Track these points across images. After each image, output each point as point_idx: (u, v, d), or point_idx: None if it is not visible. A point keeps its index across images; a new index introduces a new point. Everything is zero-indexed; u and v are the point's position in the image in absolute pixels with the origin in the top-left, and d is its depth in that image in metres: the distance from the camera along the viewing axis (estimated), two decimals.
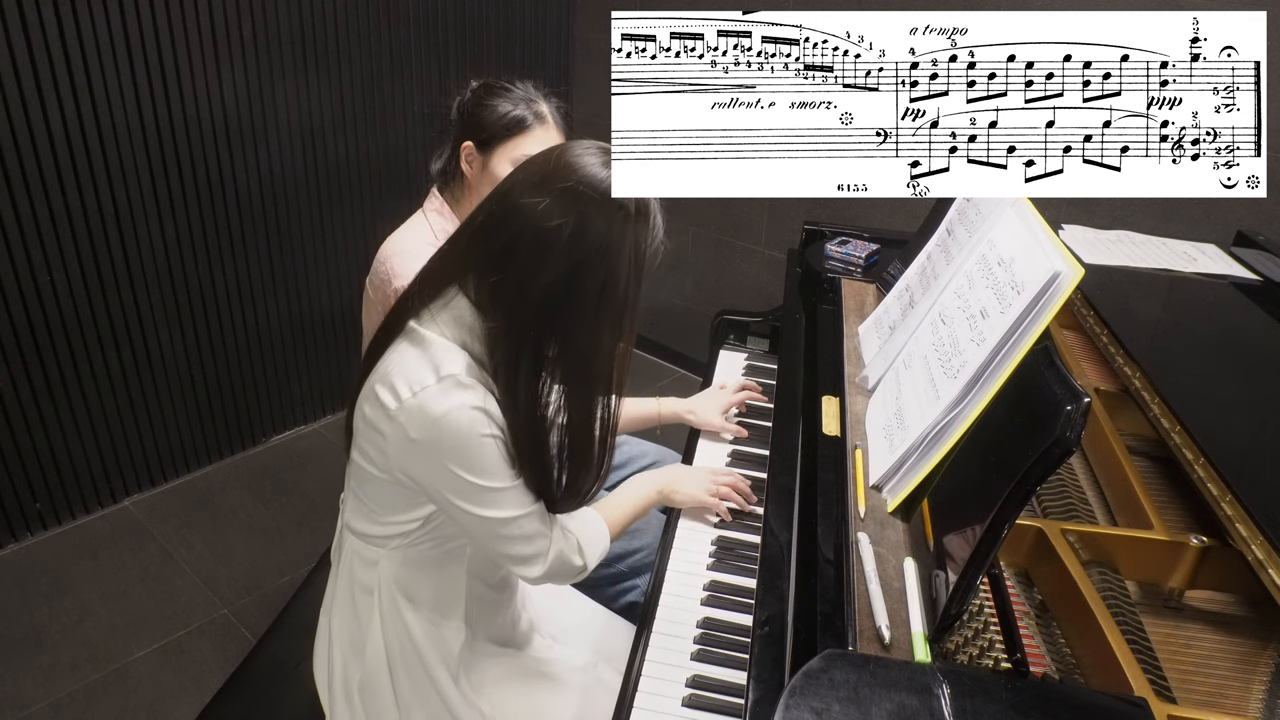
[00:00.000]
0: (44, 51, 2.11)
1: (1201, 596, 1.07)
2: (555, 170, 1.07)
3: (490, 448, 1.08)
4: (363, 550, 1.21)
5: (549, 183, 1.06)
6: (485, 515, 1.10)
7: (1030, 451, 0.82)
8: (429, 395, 1.05)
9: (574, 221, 1.03)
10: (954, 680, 0.81)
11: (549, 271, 1.05)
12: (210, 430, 2.78)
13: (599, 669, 1.33)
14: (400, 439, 1.08)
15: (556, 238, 1.03)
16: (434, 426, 1.05)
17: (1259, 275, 1.55)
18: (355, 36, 2.71)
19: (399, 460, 1.09)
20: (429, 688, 1.20)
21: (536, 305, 1.06)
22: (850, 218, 2.69)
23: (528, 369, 1.08)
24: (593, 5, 3.29)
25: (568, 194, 1.04)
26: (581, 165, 1.07)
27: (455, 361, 1.07)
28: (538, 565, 1.17)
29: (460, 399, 1.05)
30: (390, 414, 1.07)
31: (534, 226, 1.05)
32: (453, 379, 1.05)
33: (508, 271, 1.06)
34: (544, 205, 1.04)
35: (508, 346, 1.07)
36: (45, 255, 2.25)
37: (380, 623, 1.20)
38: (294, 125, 2.66)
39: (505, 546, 1.14)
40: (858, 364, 1.45)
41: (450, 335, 1.09)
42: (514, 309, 1.07)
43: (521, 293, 1.06)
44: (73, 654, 2.12)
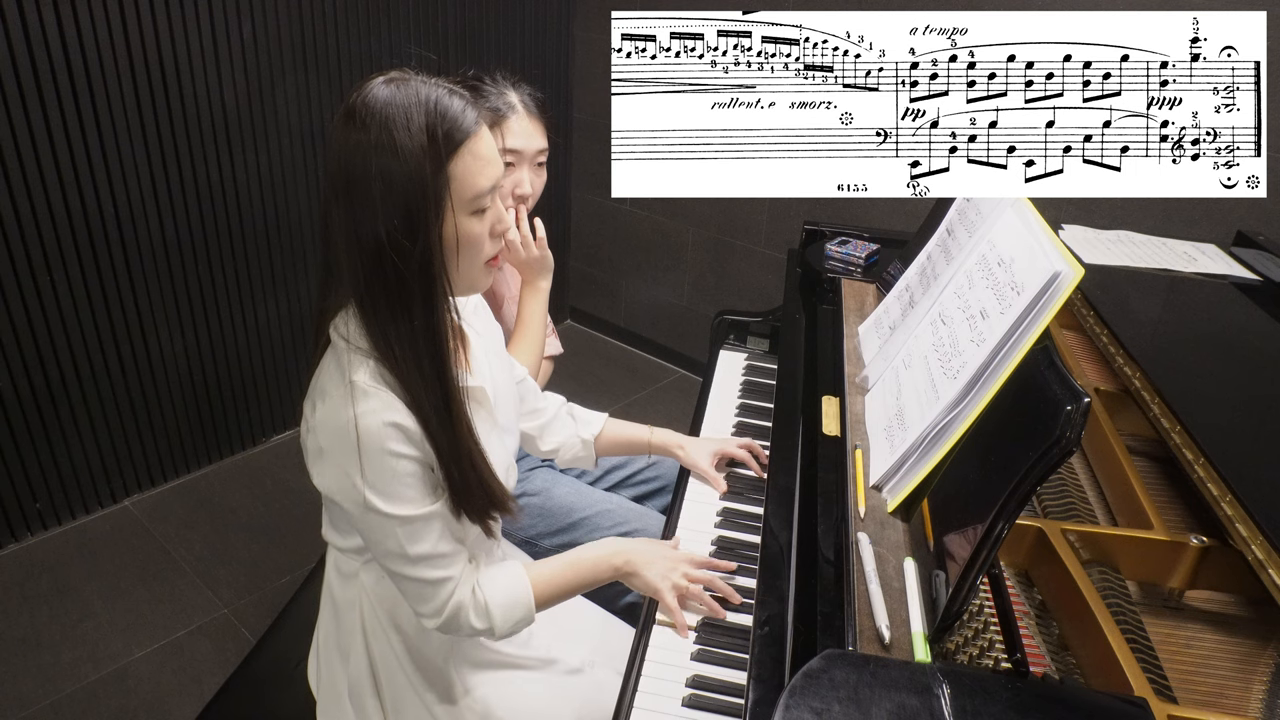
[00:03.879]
0: (44, 51, 2.11)
1: (1201, 596, 1.07)
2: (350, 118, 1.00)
3: (399, 469, 1.02)
4: (341, 563, 1.20)
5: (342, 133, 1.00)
6: (384, 541, 1.05)
7: (1030, 451, 0.82)
8: (334, 403, 1.02)
9: (359, 164, 0.97)
10: (954, 680, 0.81)
11: (364, 226, 0.98)
12: (210, 430, 2.78)
13: (599, 669, 1.33)
14: (315, 450, 1.06)
15: (348, 191, 0.99)
16: (340, 435, 1.01)
17: (1259, 275, 1.55)
18: (355, 36, 2.71)
19: (317, 473, 1.07)
20: (414, 700, 1.20)
21: (370, 268, 0.99)
22: (850, 218, 2.69)
23: (404, 347, 1.02)
24: (593, 5, 3.29)
25: (351, 128, 0.98)
26: (366, 98, 0.99)
27: (361, 368, 1.03)
28: (430, 616, 1.10)
29: (365, 406, 1.00)
30: (310, 425, 1.06)
31: (333, 187, 0.99)
32: (356, 385, 1.01)
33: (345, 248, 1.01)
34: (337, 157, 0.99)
35: (381, 339, 1.02)
36: (45, 255, 2.25)
37: (364, 636, 1.19)
38: (294, 125, 2.66)
39: (402, 584, 1.10)
40: (858, 364, 1.45)
41: (357, 342, 1.04)
42: (361, 280, 1.01)
43: (364, 264, 1.00)
44: (73, 654, 2.12)
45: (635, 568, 1.21)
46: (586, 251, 3.71)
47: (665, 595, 1.18)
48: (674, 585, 1.19)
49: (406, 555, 1.06)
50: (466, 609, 1.11)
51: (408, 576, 1.08)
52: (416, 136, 0.97)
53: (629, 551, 1.23)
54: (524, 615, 1.16)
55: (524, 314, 1.66)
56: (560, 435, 1.47)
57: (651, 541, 1.27)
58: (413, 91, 1.00)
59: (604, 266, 3.67)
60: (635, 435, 1.52)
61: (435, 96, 1.00)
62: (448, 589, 1.09)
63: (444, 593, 1.09)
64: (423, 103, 0.99)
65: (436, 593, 1.09)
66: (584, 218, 3.66)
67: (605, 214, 3.56)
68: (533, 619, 1.17)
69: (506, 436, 1.24)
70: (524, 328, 1.65)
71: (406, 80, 1.02)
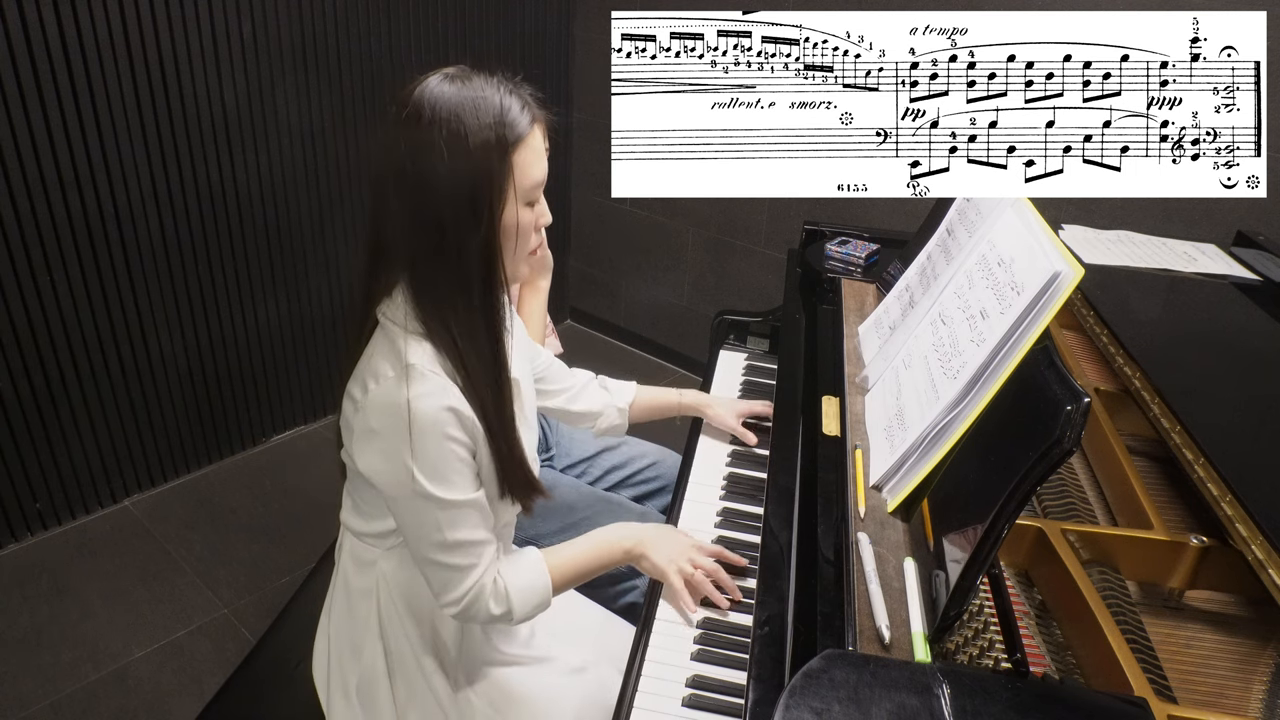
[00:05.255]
0: (44, 51, 2.11)
1: (1201, 596, 1.07)
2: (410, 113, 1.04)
3: (451, 453, 1.05)
4: (359, 551, 1.20)
5: (401, 128, 1.04)
6: (424, 526, 1.07)
7: (1030, 452, 0.82)
8: (389, 385, 1.04)
9: (424, 156, 1.02)
10: (954, 680, 0.81)
11: (426, 212, 1.03)
12: (210, 430, 2.78)
13: (599, 669, 1.33)
14: (363, 430, 1.07)
15: (413, 179, 1.02)
16: (393, 414, 1.03)
17: (1259, 275, 1.55)
18: (355, 36, 2.71)
19: (362, 453, 1.08)
20: (426, 691, 1.20)
21: (431, 254, 1.04)
22: (850, 218, 2.69)
23: (464, 329, 1.06)
24: (593, 5, 3.29)
25: (409, 125, 1.02)
26: (430, 94, 1.04)
27: (417, 351, 1.05)
28: (453, 604, 1.12)
29: (422, 388, 1.03)
30: (359, 406, 1.07)
31: (392, 178, 1.04)
32: (414, 368, 1.04)
33: (403, 241, 1.05)
34: (396, 150, 1.03)
35: (437, 321, 1.06)
36: (45, 255, 2.25)
37: (379, 626, 1.20)
38: (294, 125, 2.66)
39: (430, 570, 1.11)
40: (858, 364, 1.45)
41: (411, 326, 1.07)
42: (422, 274, 1.06)
43: (419, 254, 1.05)
44: (73, 654, 2.12)
45: (645, 550, 1.24)
46: (586, 251, 3.71)
47: (671, 577, 1.21)
48: (680, 570, 1.21)
49: (444, 541, 1.08)
50: (486, 595, 1.13)
51: (439, 562, 1.10)
52: (485, 130, 1.02)
53: (640, 534, 1.26)
54: (541, 600, 1.18)
55: (523, 312, 1.66)
56: (596, 403, 1.53)
57: (662, 526, 1.30)
58: (477, 88, 1.05)
59: (604, 266, 3.67)
60: (666, 400, 1.61)
61: (499, 93, 1.06)
62: (474, 576, 1.12)
63: (470, 580, 1.11)
64: (488, 98, 1.04)
65: (463, 580, 1.11)
66: (584, 218, 3.65)
67: (605, 214, 3.56)
68: (549, 603, 1.20)
69: (530, 432, 1.27)
70: (523, 326, 1.65)
71: (469, 77, 1.07)
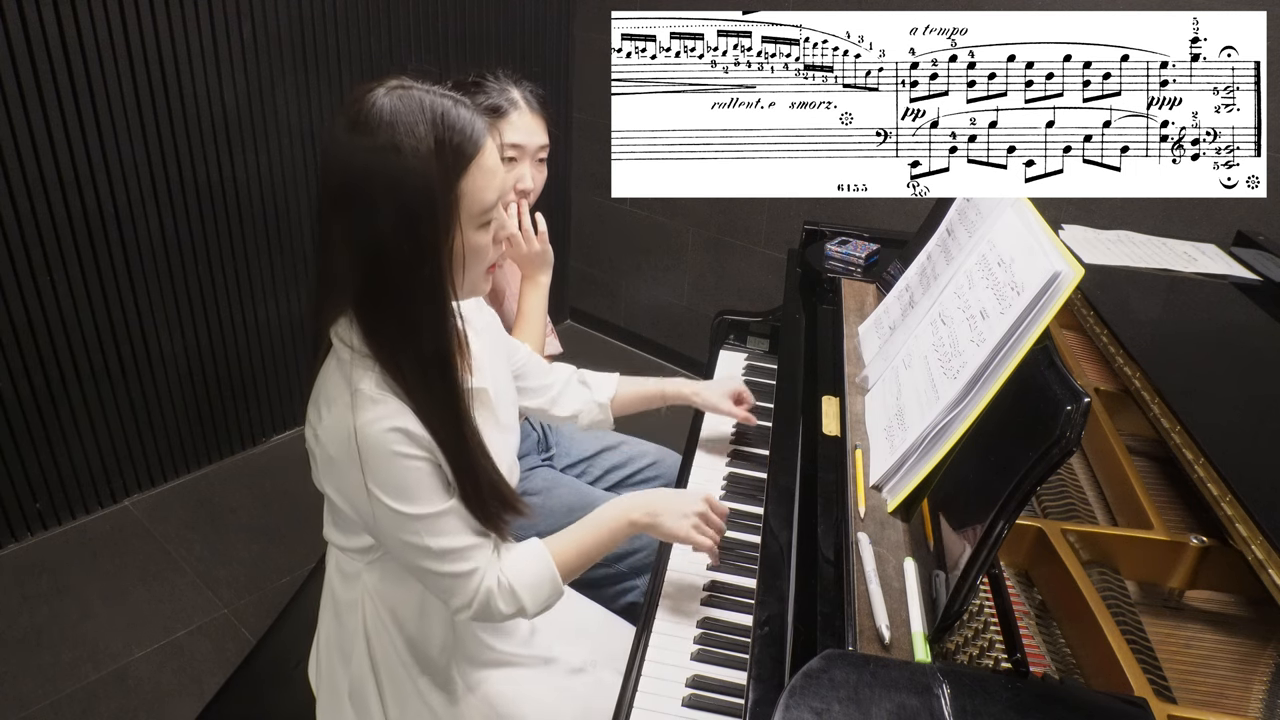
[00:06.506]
0: (44, 51, 2.11)
1: (1201, 596, 1.07)
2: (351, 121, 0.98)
3: (410, 469, 1.03)
4: (343, 564, 1.20)
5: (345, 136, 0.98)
6: (407, 541, 1.05)
7: (1030, 452, 0.82)
8: (340, 411, 1.02)
9: (361, 165, 0.95)
10: (954, 680, 0.81)
11: (366, 248, 0.97)
12: (210, 430, 2.78)
13: (599, 669, 1.33)
14: (324, 458, 1.06)
15: (353, 192, 0.97)
16: (347, 444, 1.01)
17: (1259, 275, 1.55)
18: (355, 36, 2.71)
19: (327, 480, 1.08)
20: (416, 700, 1.20)
21: (374, 285, 0.99)
22: (850, 218, 2.69)
23: (411, 364, 1.02)
24: (593, 5, 3.29)
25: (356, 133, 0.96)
26: (368, 113, 0.96)
27: (364, 375, 1.02)
28: (463, 609, 1.10)
29: (370, 415, 1.00)
30: (316, 433, 1.06)
31: (334, 190, 0.98)
32: (360, 393, 1.01)
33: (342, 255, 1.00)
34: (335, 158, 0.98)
35: (380, 345, 1.02)
36: (45, 255, 2.25)
37: (365, 636, 1.19)
38: (294, 125, 2.66)
39: (430, 580, 1.10)
40: (858, 364, 1.45)
41: (361, 349, 1.04)
42: (367, 314, 1.01)
43: (363, 269, 0.99)
44: (73, 654, 2.12)
45: (657, 520, 1.20)
46: (586, 251, 3.71)
47: (694, 537, 1.19)
48: (695, 524, 1.19)
49: (431, 551, 1.06)
50: (495, 597, 1.10)
51: (436, 572, 1.08)
52: (425, 153, 0.94)
53: (645, 504, 1.22)
54: (551, 590, 1.15)
55: (524, 309, 1.67)
56: (576, 403, 1.50)
57: (658, 492, 1.26)
58: (416, 102, 0.96)
59: (604, 266, 3.67)
60: (649, 390, 1.55)
61: (442, 108, 0.97)
62: (475, 580, 1.09)
63: (473, 584, 1.09)
64: (429, 115, 0.96)
65: (465, 585, 1.09)
66: (584, 217, 3.65)
67: (605, 214, 3.56)
68: (561, 591, 1.17)
69: (508, 435, 1.25)
70: (524, 322, 1.66)
71: (409, 89, 0.98)
